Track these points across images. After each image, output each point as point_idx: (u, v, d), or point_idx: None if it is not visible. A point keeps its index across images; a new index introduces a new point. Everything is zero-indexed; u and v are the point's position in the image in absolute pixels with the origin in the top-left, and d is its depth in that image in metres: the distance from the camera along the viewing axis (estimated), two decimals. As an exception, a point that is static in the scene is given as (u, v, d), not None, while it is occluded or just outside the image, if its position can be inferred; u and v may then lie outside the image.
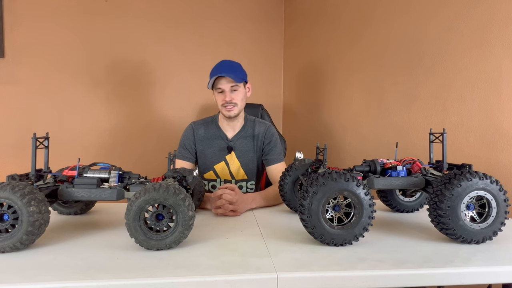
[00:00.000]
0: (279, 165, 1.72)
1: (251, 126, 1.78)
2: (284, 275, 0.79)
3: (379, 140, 1.90)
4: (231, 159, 1.74)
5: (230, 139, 1.75)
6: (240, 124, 1.77)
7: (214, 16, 2.87)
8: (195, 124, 1.79)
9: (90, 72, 2.66)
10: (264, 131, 1.76)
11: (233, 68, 1.68)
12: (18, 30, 2.52)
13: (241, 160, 1.74)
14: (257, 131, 1.76)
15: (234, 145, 1.74)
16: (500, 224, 0.98)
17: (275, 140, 1.76)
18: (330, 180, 0.94)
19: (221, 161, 1.74)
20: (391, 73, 1.81)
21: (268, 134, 1.76)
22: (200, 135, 1.75)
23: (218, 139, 1.75)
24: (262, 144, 1.76)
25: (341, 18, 2.22)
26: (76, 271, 0.81)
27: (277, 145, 1.75)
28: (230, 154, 1.74)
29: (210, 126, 1.78)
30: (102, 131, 2.71)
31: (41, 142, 1.06)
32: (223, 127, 1.77)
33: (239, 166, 1.74)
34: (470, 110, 1.41)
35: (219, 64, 1.71)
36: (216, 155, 1.74)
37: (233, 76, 1.63)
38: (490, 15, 1.32)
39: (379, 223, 1.18)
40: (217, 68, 1.68)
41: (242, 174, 1.75)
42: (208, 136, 1.76)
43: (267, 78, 3.04)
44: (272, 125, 1.82)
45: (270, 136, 1.76)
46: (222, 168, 1.75)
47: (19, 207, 0.89)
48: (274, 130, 1.80)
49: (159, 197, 0.90)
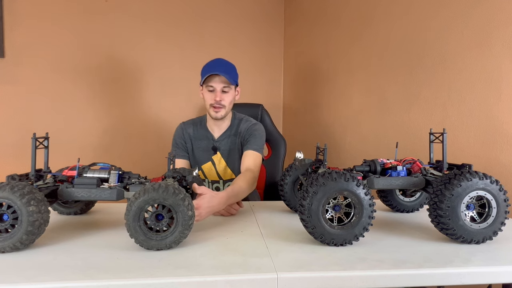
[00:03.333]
0: (253, 152, 1.62)
1: (237, 124, 1.74)
2: (284, 275, 0.79)
3: (379, 140, 1.90)
4: (217, 159, 1.73)
5: (216, 139, 1.73)
6: (227, 124, 1.74)
7: (214, 16, 2.87)
8: (184, 124, 1.78)
9: (90, 72, 2.66)
10: (247, 127, 1.70)
11: (228, 69, 1.64)
12: (18, 30, 2.52)
13: (227, 160, 1.73)
14: (241, 128, 1.71)
15: (219, 145, 1.73)
16: (500, 224, 0.98)
17: (257, 134, 1.67)
18: (330, 180, 0.94)
19: (207, 161, 1.73)
20: (391, 73, 1.81)
21: (250, 129, 1.69)
22: (189, 134, 1.74)
23: (205, 140, 1.74)
24: (244, 140, 1.70)
25: (341, 18, 2.22)
26: (76, 271, 0.80)
27: (256, 136, 1.66)
28: (216, 154, 1.73)
29: (198, 126, 1.76)
30: (102, 131, 2.71)
31: (41, 142, 1.06)
32: (210, 128, 1.75)
33: (226, 166, 1.73)
34: (470, 110, 1.40)
35: (214, 61, 1.66)
36: (203, 155, 1.74)
37: (227, 76, 1.59)
38: (490, 15, 1.32)
39: (379, 223, 1.18)
40: (212, 65, 1.64)
41: (229, 174, 1.74)
42: (196, 136, 1.75)
43: (267, 78, 3.04)
44: (260, 124, 1.74)
45: (252, 131, 1.68)
46: (209, 169, 1.74)
47: (18, 207, 0.89)
48: (259, 127, 1.72)
49: (158, 197, 0.90)
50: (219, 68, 1.62)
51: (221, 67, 1.62)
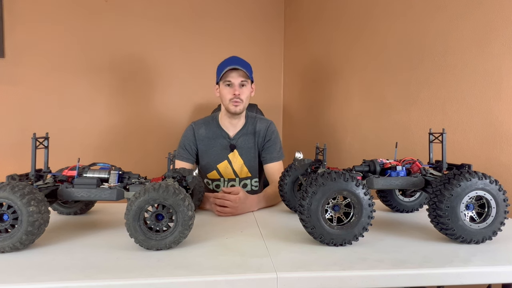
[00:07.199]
0: (277, 164, 1.73)
1: (252, 123, 1.77)
2: (284, 275, 0.79)
3: (379, 140, 1.90)
4: (234, 158, 1.74)
5: (232, 137, 1.74)
6: (242, 122, 1.77)
7: (214, 15, 2.87)
8: (195, 124, 1.77)
9: (90, 72, 2.66)
10: (265, 128, 1.76)
11: (245, 64, 1.70)
12: (18, 30, 2.52)
13: (244, 158, 1.74)
14: (259, 128, 1.76)
15: (237, 143, 1.74)
16: (499, 224, 0.98)
17: (274, 138, 1.76)
18: (329, 180, 0.94)
19: (223, 160, 1.74)
20: (391, 73, 1.81)
21: (269, 131, 1.76)
22: (201, 135, 1.74)
23: (219, 138, 1.74)
24: (263, 140, 1.75)
25: (341, 18, 2.22)
26: (76, 271, 0.81)
27: (276, 143, 1.75)
28: (233, 152, 1.74)
29: (211, 125, 1.76)
30: (102, 131, 2.71)
31: (41, 142, 1.06)
32: (224, 126, 1.76)
33: (242, 164, 1.74)
34: (470, 110, 1.41)
35: (230, 58, 1.71)
36: (219, 154, 1.74)
37: (246, 70, 1.65)
38: (490, 15, 1.32)
39: (379, 223, 1.18)
40: (229, 61, 1.68)
41: (245, 172, 1.75)
42: (210, 135, 1.75)
43: (267, 78, 3.04)
44: (273, 123, 1.81)
45: (270, 134, 1.76)
46: (225, 167, 1.74)
47: (18, 207, 0.89)
48: (275, 128, 1.80)
49: (158, 197, 0.90)
50: (237, 63, 1.66)
51: (239, 63, 1.67)
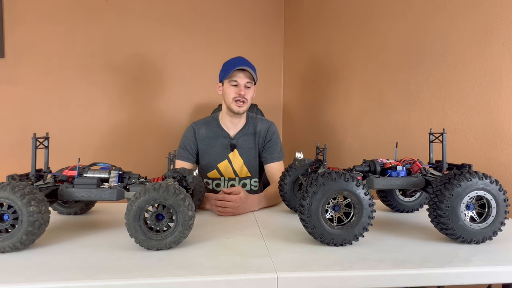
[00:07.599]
0: (277, 164, 1.73)
1: (253, 124, 1.78)
2: (284, 275, 0.79)
3: (379, 140, 1.90)
4: (234, 157, 1.74)
5: (233, 137, 1.75)
6: (243, 122, 1.78)
7: (214, 15, 2.87)
8: (196, 124, 1.78)
9: (90, 72, 2.66)
10: (266, 129, 1.77)
11: (252, 67, 1.72)
12: (18, 30, 2.52)
13: (244, 158, 1.75)
14: (259, 128, 1.77)
15: (237, 142, 1.75)
16: (500, 224, 0.98)
17: (275, 139, 1.77)
18: (329, 180, 0.94)
19: (224, 159, 1.74)
20: (391, 73, 1.81)
21: (270, 132, 1.77)
22: (202, 135, 1.75)
23: (220, 138, 1.75)
24: (264, 141, 1.76)
25: (341, 18, 2.22)
26: (76, 271, 0.81)
27: (277, 143, 1.77)
28: (233, 152, 1.74)
29: (212, 125, 1.77)
30: (102, 131, 2.71)
31: (41, 142, 1.06)
32: (225, 125, 1.77)
33: (242, 164, 1.75)
34: (470, 110, 1.41)
35: (237, 58, 1.73)
36: (219, 153, 1.74)
37: (252, 72, 1.67)
38: (490, 15, 1.32)
39: (379, 223, 1.18)
40: (237, 61, 1.70)
41: (245, 172, 1.76)
42: (210, 135, 1.75)
43: (267, 78, 3.03)
44: (274, 123, 1.82)
45: (271, 134, 1.77)
46: (225, 167, 1.75)
47: (19, 207, 0.89)
48: (276, 129, 1.81)
49: (159, 197, 0.90)
50: (244, 64, 1.68)
51: (246, 64, 1.69)
